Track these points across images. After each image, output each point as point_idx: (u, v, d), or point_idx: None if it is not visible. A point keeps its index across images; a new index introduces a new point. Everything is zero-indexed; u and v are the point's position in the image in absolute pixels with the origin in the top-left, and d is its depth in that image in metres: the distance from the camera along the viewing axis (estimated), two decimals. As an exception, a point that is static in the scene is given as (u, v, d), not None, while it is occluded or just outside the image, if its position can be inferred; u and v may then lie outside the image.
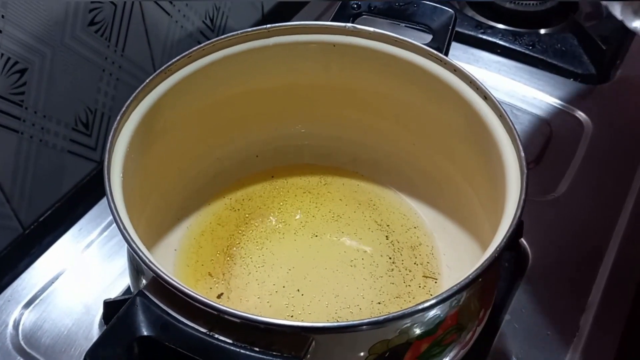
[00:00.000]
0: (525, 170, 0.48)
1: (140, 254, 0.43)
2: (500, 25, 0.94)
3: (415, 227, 0.65)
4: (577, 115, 0.83)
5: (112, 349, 0.40)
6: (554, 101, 0.84)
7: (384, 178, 0.68)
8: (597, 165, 0.77)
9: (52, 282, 0.66)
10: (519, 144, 0.50)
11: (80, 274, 0.67)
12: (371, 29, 0.59)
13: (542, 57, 0.89)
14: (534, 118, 0.82)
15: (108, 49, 0.73)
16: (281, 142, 0.68)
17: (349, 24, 0.60)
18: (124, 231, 0.45)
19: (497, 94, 0.55)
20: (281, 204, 0.67)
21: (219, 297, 0.58)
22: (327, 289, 0.60)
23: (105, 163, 0.49)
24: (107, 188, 0.47)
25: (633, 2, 0.58)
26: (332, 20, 0.62)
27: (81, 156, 0.76)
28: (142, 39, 0.78)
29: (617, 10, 0.61)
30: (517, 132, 0.51)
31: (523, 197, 0.47)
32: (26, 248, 0.70)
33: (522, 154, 0.49)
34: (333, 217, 0.66)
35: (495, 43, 0.92)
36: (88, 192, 0.76)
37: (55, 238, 0.70)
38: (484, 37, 0.92)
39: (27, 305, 0.64)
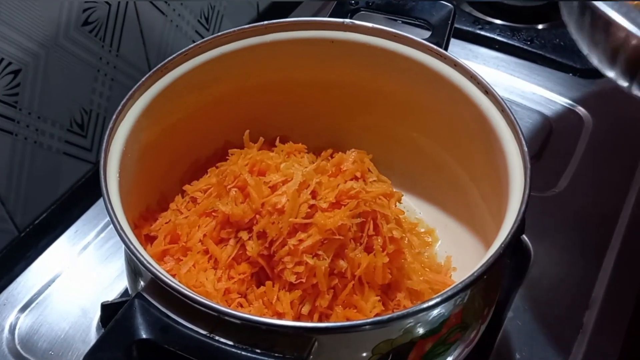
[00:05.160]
0: (529, 165, 0.47)
1: (138, 255, 0.42)
2: (498, 21, 0.93)
3: (416, 225, 0.64)
4: (577, 110, 0.82)
5: (111, 353, 0.39)
6: (554, 97, 0.84)
7: (383, 174, 0.67)
8: (598, 160, 0.76)
9: (48, 285, 0.65)
10: (522, 138, 0.49)
11: (77, 276, 0.66)
12: (370, 24, 0.59)
13: (540, 52, 0.89)
14: (534, 114, 0.82)
15: (103, 49, 0.73)
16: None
17: (347, 20, 0.59)
18: (121, 232, 0.44)
19: (496, 90, 0.54)
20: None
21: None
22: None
23: (102, 163, 0.48)
24: (104, 189, 0.47)
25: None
26: (329, 17, 0.61)
27: (77, 157, 0.75)
28: (137, 39, 0.77)
29: (594, 59, 0.61)
30: (519, 127, 0.50)
31: (527, 192, 0.46)
32: (22, 251, 0.69)
33: (525, 148, 0.48)
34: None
35: (493, 39, 0.91)
36: (84, 194, 0.75)
37: (51, 240, 0.69)
38: (482, 32, 0.92)
39: (23, 309, 0.63)
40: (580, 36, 0.61)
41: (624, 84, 0.58)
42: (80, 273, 0.66)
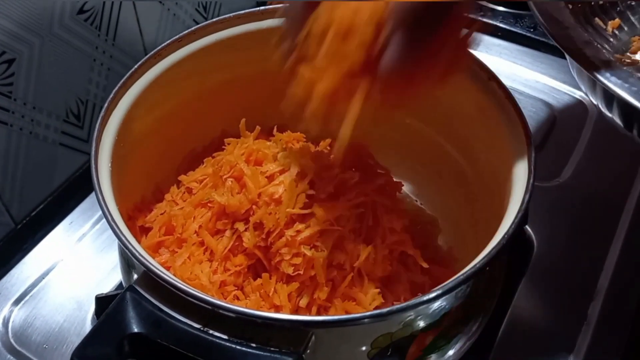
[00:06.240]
0: (534, 155, 0.46)
1: (130, 247, 0.41)
2: (501, 8, 0.92)
3: (416, 215, 0.63)
4: (581, 98, 0.81)
5: (101, 348, 0.38)
6: (557, 84, 0.83)
7: (383, 164, 0.66)
8: (602, 149, 0.75)
9: (42, 277, 0.64)
10: (526, 127, 0.48)
11: (72, 268, 0.65)
12: (370, 9, 0.57)
13: (544, 39, 0.87)
14: (537, 102, 0.80)
15: (98, 38, 0.72)
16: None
17: (347, 5, 0.58)
18: (112, 223, 0.43)
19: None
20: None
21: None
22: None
23: (93, 154, 0.47)
24: (95, 180, 0.46)
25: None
26: (328, 2, 0.59)
27: (73, 148, 0.74)
28: (134, 28, 0.76)
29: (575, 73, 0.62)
30: (523, 114, 0.49)
31: (531, 182, 0.45)
32: (18, 243, 0.69)
33: (530, 137, 0.47)
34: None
35: (495, 26, 0.90)
36: (80, 185, 0.74)
37: (46, 232, 0.69)
38: (484, 19, 0.90)
39: (17, 301, 0.62)
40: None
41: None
42: (76, 265, 0.66)
